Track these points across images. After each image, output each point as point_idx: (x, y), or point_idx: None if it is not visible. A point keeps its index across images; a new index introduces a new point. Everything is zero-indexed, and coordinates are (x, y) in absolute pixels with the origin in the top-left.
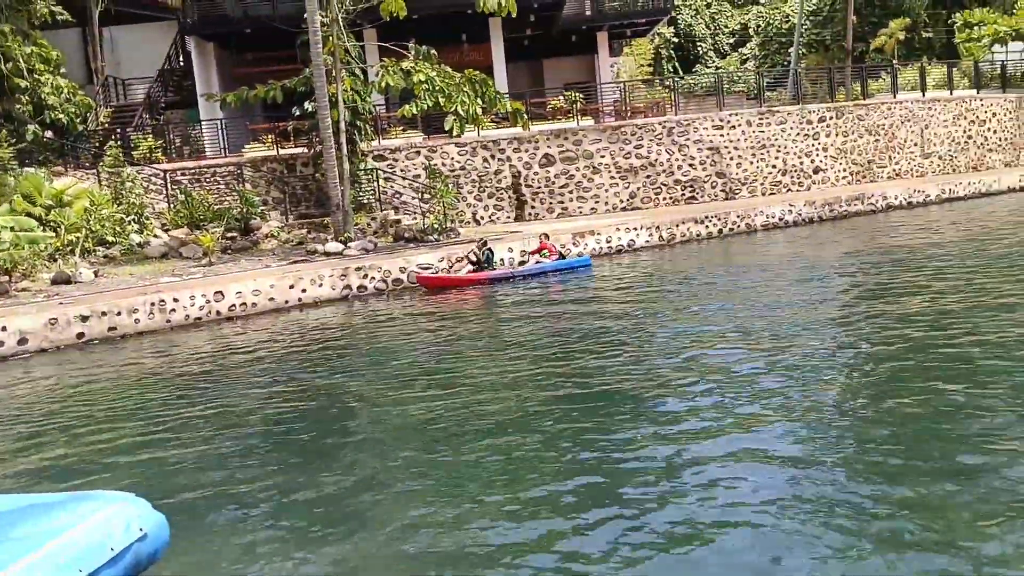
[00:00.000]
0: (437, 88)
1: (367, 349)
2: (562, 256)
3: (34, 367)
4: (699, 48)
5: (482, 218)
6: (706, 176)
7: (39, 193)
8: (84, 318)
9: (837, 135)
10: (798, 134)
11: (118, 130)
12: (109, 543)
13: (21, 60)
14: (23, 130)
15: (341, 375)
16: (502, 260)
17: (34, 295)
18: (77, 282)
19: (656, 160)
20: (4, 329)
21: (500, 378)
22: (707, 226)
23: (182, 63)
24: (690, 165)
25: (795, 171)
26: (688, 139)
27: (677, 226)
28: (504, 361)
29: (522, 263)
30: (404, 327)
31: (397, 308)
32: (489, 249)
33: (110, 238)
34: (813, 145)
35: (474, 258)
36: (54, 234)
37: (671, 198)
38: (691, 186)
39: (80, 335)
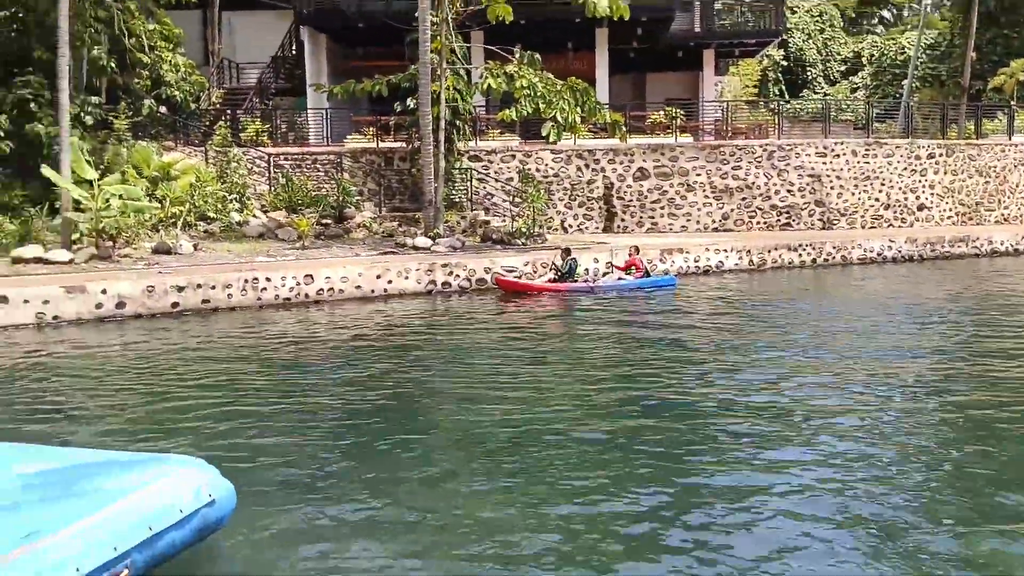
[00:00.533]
0: (538, 94)
1: (445, 345)
2: (647, 273)
3: (128, 331)
4: (808, 73)
5: (571, 226)
6: (804, 203)
7: (148, 165)
8: (180, 288)
9: (946, 173)
10: (905, 168)
11: (228, 111)
12: (179, 505)
13: (144, 37)
14: (140, 104)
15: (418, 368)
16: (586, 270)
17: (135, 262)
18: (176, 253)
19: (753, 183)
20: (104, 292)
21: (574, 388)
22: (800, 254)
23: (294, 52)
24: (788, 191)
25: (898, 206)
26: (789, 164)
27: (769, 251)
28: (580, 371)
29: (605, 275)
30: (484, 327)
31: (478, 308)
32: (573, 259)
33: (211, 214)
34: (920, 181)
35: (557, 267)
36: (159, 205)
37: (765, 223)
38: (787, 212)
39: (174, 304)
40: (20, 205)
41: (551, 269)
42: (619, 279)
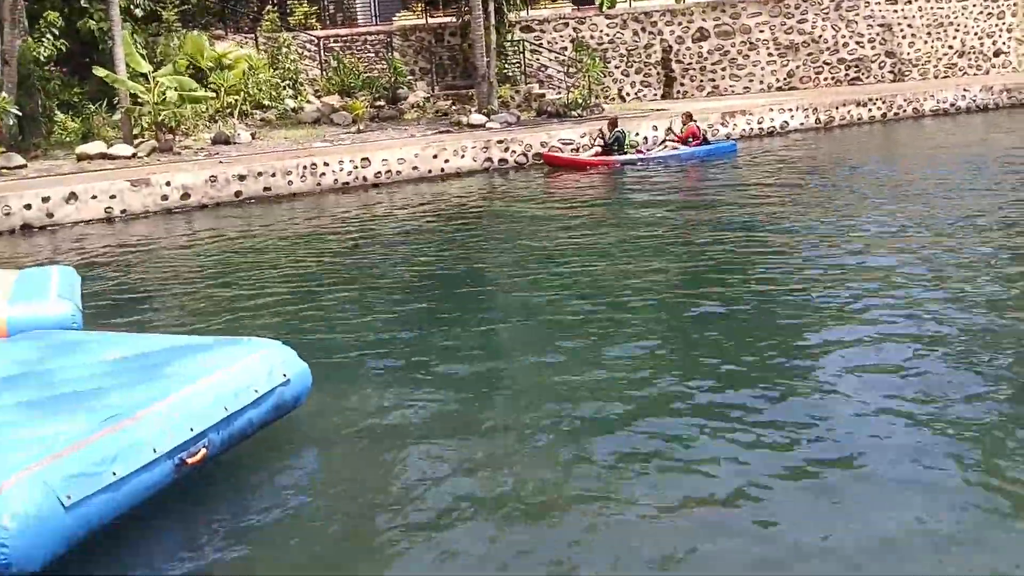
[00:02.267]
0: None
1: (505, 223)
2: (705, 140)
3: (195, 220)
4: None
5: (628, 94)
6: (874, 55)
7: (201, 56)
8: (241, 177)
9: None
10: (980, 12)
11: None
12: (254, 385)
13: None
14: None
15: (477, 247)
16: (642, 139)
17: (195, 153)
18: (235, 143)
19: (820, 36)
20: (168, 184)
21: (627, 262)
22: (870, 109)
23: None
24: (857, 43)
25: (974, 53)
26: (857, 14)
27: (836, 108)
28: (639, 248)
29: (662, 143)
30: (543, 203)
31: (534, 183)
32: (621, 130)
33: (266, 102)
34: (997, 25)
35: (604, 138)
36: (214, 95)
37: (833, 78)
38: (856, 66)
39: (237, 193)
40: (80, 102)
41: (595, 142)
42: (673, 148)
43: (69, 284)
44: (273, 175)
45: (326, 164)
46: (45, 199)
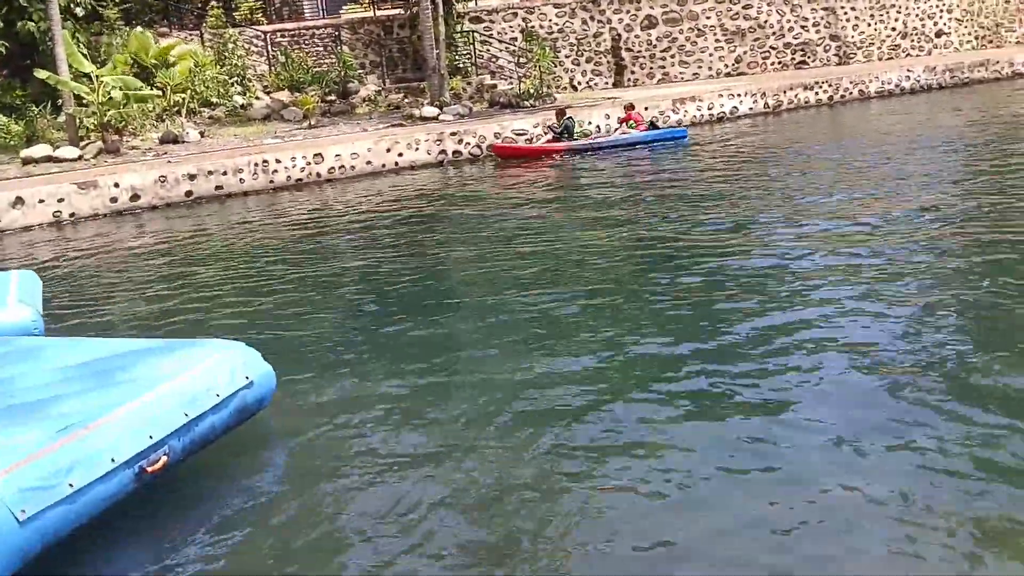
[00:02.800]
0: None
1: (461, 215)
2: (653, 126)
3: (146, 222)
4: None
5: (579, 83)
6: (819, 39)
7: (146, 54)
8: (191, 177)
9: None
10: None
11: None
12: (215, 389)
13: None
14: None
15: (434, 240)
16: (593, 127)
17: (143, 153)
18: (184, 142)
19: (766, 22)
20: (117, 185)
21: (586, 253)
22: (816, 92)
23: None
24: (802, 27)
25: (916, 34)
26: None
27: (784, 92)
28: (594, 235)
29: (610, 131)
30: (498, 194)
31: (488, 175)
32: (570, 118)
33: (214, 99)
34: (937, 6)
35: (553, 128)
36: (161, 94)
37: (780, 63)
38: (802, 50)
39: (188, 193)
40: (23, 105)
41: (545, 130)
42: (623, 133)
43: (30, 289)
44: (224, 173)
45: (278, 161)
46: None
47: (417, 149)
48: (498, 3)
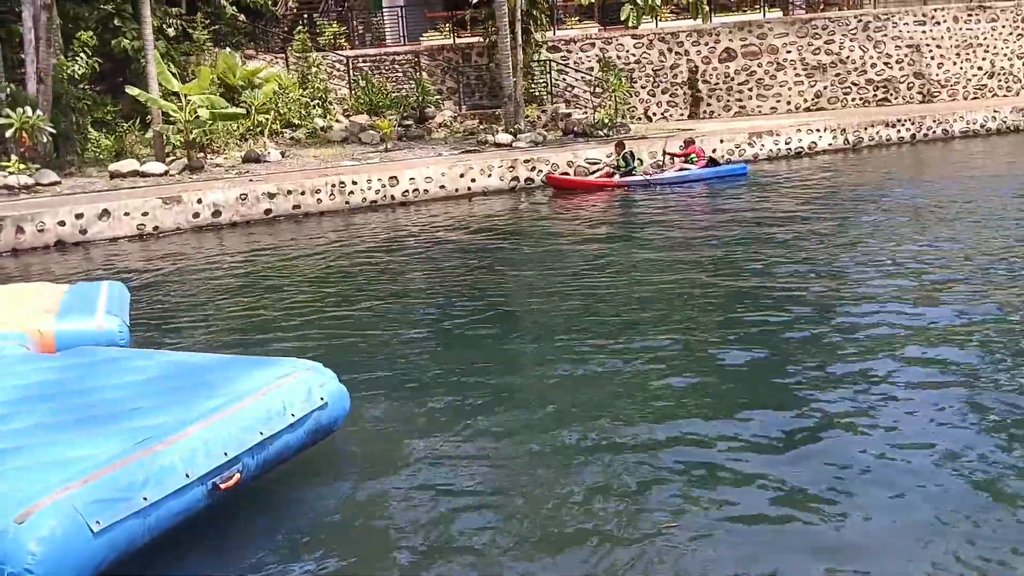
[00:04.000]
0: None
1: (531, 242)
2: (713, 162)
3: (226, 238)
4: None
5: (654, 114)
6: (902, 76)
7: (233, 75)
8: (271, 195)
9: None
10: (1011, 33)
11: (305, 15)
12: (291, 408)
13: None
14: (220, 11)
15: (505, 265)
16: (641, 162)
17: (226, 171)
18: (265, 161)
19: (848, 57)
20: (200, 201)
21: (654, 285)
22: (899, 130)
23: None
24: (885, 64)
25: (1004, 74)
26: (886, 35)
27: (865, 129)
28: (661, 268)
29: (659, 166)
30: (566, 225)
31: (560, 203)
32: (629, 152)
33: (296, 121)
34: None
35: (610, 162)
36: (245, 114)
37: (861, 99)
38: (884, 86)
39: (267, 211)
40: (113, 120)
41: (603, 165)
42: (679, 170)
43: (118, 300)
44: (302, 193)
45: (354, 183)
46: (79, 216)
47: (490, 175)
48: (576, 33)
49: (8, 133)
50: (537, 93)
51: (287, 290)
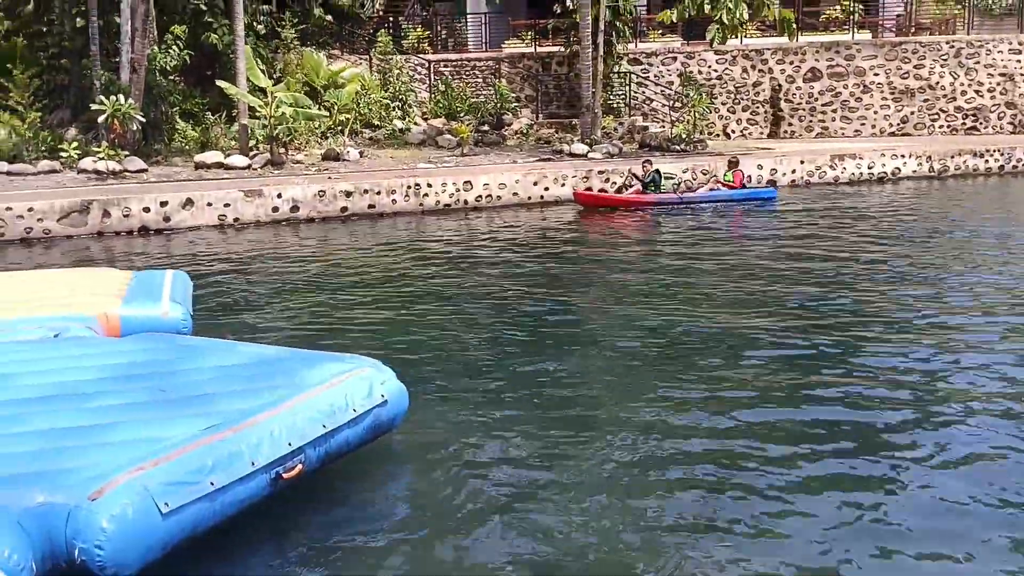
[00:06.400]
0: None
1: (601, 254)
2: (743, 185)
3: (302, 233)
4: None
5: (733, 131)
6: (993, 105)
7: (317, 74)
8: (348, 194)
9: None
10: None
11: (390, 19)
12: (352, 404)
13: None
14: (308, 11)
15: (572, 275)
16: (671, 178)
17: (306, 168)
18: (344, 160)
19: (937, 83)
20: (280, 196)
21: (725, 304)
22: (987, 160)
23: None
24: (976, 91)
25: None
26: (978, 62)
27: (952, 157)
28: (730, 287)
29: (688, 188)
30: (643, 234)
31: (634, 215)
32: (656, 171)
33: (376, 122)
34: None
35: (640, 178)
36: (327, 113)
37: (949, 127)
38: (974, 115)
39: (343, 209)
40: (200, 112)
41: (631, 180)
42: (711, 190)
43: (182, 288)
44: (378, 193)
45: (429, 185)
46: (163, 203)
47: (563, 184)
48: (658, 47)
49: (100, 119)
50: (615, 105)
51: (356, 287)
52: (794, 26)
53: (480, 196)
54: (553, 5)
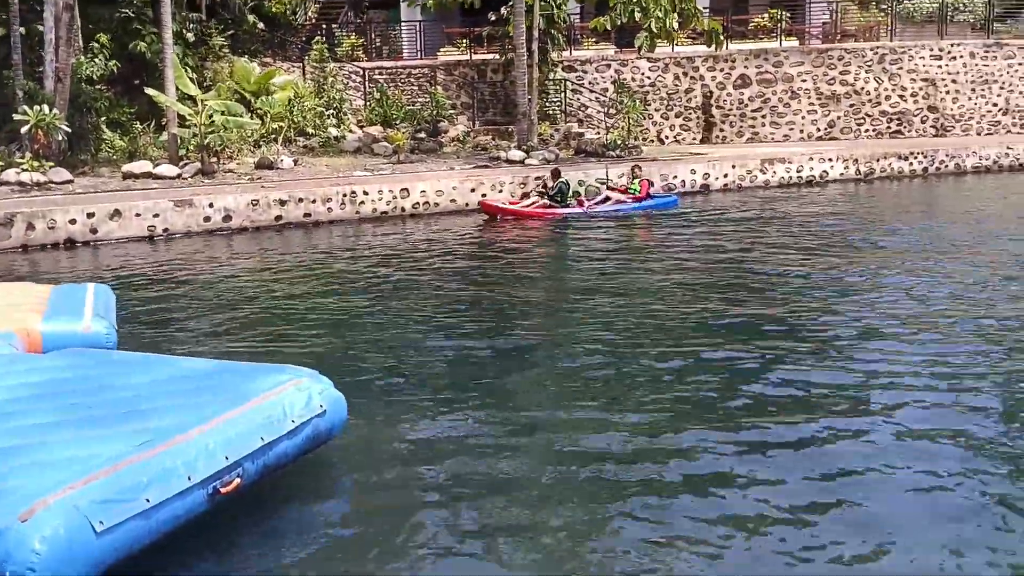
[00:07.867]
0: (634, 0)
1: (539, 258)
2: (648, 195)
3: (235, 243)
4: None
5: (667, 138)
6: (916, 109)
7: (248, 81)
8: (282, 202)
9: None
10: None
11: (324, 26)
12: (290, 415)
13: None
14: (239, 19)
15: (511, 281)
16: (578, 193)
17: (238, 177)
18: (278, 168)
19: (863, 88)
20: (211, 206)
21: (662, 306)
22: (911, 163)
23: None
24: (900, 96)
25: (1018, 111)
26: (901, 68)
27: (877, 160)
28: (668, 291)
29: (593, 195)
30: (583, 239)
31: (582, 221)
32: (564, 181)
33: (310, 130)
34: None
35: (546, 189)
36: (260, 121)
37: (875, 130)
38: (898, 119)
39: (278, 218)
40: (128, 122)
41: (536, 191)
42: (617, 201)
43: (104, 302)
44: (313, 201)
45: (366, 193)
46: (90, 215)
47: (500, 191)
48: (592, 54)
49: (24, 130)
50: (551, 111)
51: (291, 297)
52: (721, 38)
53: (417, 203)
54: (487, 13)
